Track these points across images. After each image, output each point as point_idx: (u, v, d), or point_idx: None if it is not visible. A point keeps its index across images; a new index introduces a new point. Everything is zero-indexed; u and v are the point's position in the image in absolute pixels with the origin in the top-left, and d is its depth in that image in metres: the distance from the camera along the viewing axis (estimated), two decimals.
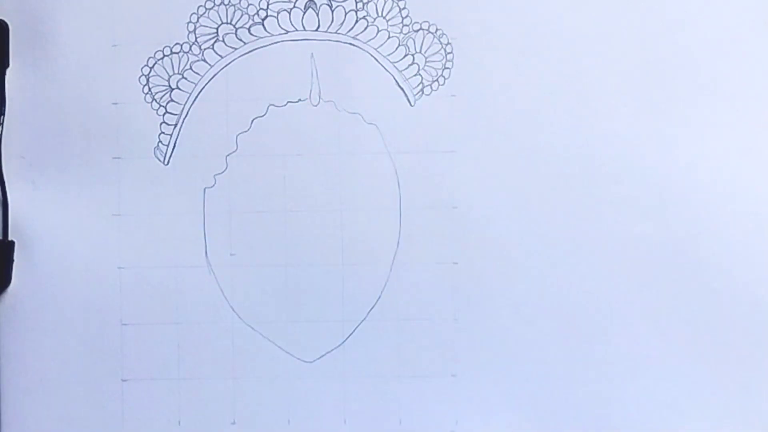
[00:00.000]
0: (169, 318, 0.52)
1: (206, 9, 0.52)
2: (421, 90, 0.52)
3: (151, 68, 0.52)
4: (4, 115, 0.52)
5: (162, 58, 0.52)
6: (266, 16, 0.52)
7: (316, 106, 0.52)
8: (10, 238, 0.52)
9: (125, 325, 0.52)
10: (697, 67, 0.52)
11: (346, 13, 0.52)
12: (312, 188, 0.52)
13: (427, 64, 0.52)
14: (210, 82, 0.52)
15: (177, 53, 0.52)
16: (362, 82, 0.52)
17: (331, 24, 0.52)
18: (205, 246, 0.52)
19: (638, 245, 0.51)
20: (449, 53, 0.52)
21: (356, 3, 0.52)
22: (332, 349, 0.52)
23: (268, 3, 0.52)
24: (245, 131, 0.52)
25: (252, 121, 0.52)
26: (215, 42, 0.52)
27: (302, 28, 0.52)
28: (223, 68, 0.52)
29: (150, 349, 0.52)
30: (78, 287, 0.52)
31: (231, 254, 0.52)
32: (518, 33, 0.52)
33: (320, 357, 0.52)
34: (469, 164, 0.52)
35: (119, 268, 0.52)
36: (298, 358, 0.52)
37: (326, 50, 0.52)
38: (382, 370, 0.52)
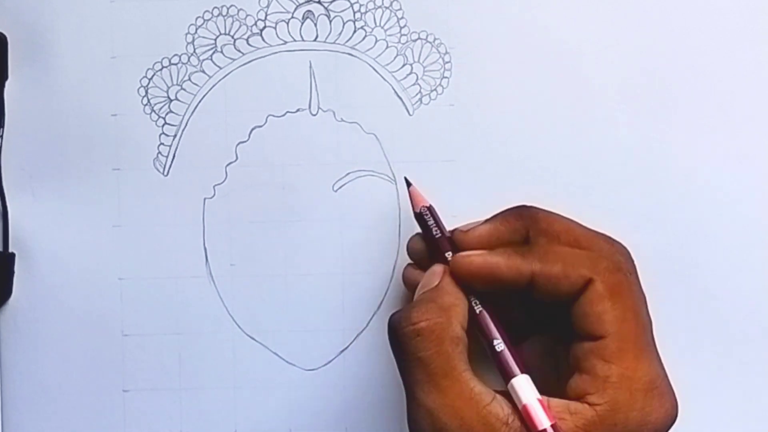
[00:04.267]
0: (170, 328, 0.52)
1: (204, 20, 0.52)
2: (420, 99, 0.52)
3: (149, 80, 0.52)
4: (3, 127, 0.52)
5: (161, 70, 0.52)
6: (264, 27, 0.52)
7: (314, 115, 0.52)
8: (10, 250, 0.52)
9: (126, 335, 0.52)
10: (695, 73, 0.52)
11: (344, 24, 0.52)
12: (311, 197, 0.52)
13: (426, 73, 0.52)
14: (209, 93, 0.52)
15: (176, 64, 0.52)
16: (361, 92, 0.52)
17: (329, 34, 0.52)
18: (206, 256, 0.52)
19: (637, 253, 0.51)
20: (447, 62, 0.52)
21: (354, 13, 0.52)
22: (333, 358, 0.52)
23: (266, 14, 0.52)
24: (244, 141, 0.52)
25: (251, 131, 0.52)
26: (214, 53, 0.52)
27: (300, 39, 0.52)
28: (221, 79, 0.52)
29: (151, 359, 0.52)
30: (79, 298, 0.52)
31: (231, 264, 0.52)
32: (516, 42, 0.52)
33: (321, 366, 0.52)
34: (468, 173, 0.52)
35: (120, 278, 0.52)
36: (299, 368, 0.52)
37: (324, 60, 0.52)
38: (383, 379, 0.52)
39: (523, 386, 0.42)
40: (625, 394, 0.41)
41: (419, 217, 0.49)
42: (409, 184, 0.50)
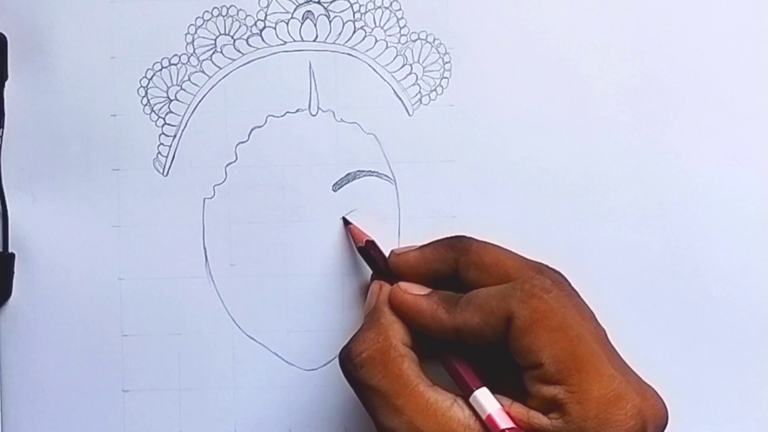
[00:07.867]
0: (169, 328, 0.52)
1: (204, 20, 0.52)
2: (419, 100, 0.52)
3: (149, 80, 0.52)
4: (3, 127, 0.52)
5: (160, 70, 0.52)
6: (264, 27, 0.52)
7: (314, 116, 0.52)
8: (10, 251, 0.52)
9: (126, 336, 0.52)
10: (695, 74, 0.52)
11: (343, 24, 0.52)
12: (311, 197, 0.52)
13: (425, 73, 0.52)
14: (208, 93, 0.52)
15: (175, 65, 0.52)
16: (360, 92, 0.52)
17: (329, 34, 0.52)
18: (205, 256, 0.52)
19: (637, 253, 0.51)
20: (447, 63, 0.52)
21: (354, 13, 0.52)
22: (332, 358, 0.52)
23: (266, 14, 0.52)
24: (244, 142, 0.52)
25: (251, 131, 0.52)
26: (213, 53, 0.52)
27: (300, 39, 0.52)
28: (221, 79, 0.52)
29: (151, 359, 0.52)
30: (78, 299, 0.52)
31: (231, 264, 0.52)
32: (516, 42, 0.52)
33: (320, 366, 0.52)
34: (467, 173, 0.52)
35: (119, 279, 0.52)
36: (299, 368, 0.52)
37: (324, 60, 0.52)
38: None
39: (483, 398, 0.44)
40: (575, 407, 0.42)
41: (363, 251, 0.51)
42: (348, 223, 0.52)
